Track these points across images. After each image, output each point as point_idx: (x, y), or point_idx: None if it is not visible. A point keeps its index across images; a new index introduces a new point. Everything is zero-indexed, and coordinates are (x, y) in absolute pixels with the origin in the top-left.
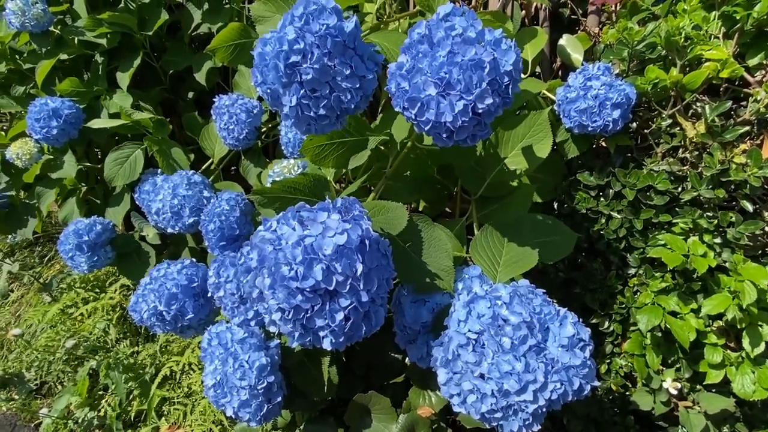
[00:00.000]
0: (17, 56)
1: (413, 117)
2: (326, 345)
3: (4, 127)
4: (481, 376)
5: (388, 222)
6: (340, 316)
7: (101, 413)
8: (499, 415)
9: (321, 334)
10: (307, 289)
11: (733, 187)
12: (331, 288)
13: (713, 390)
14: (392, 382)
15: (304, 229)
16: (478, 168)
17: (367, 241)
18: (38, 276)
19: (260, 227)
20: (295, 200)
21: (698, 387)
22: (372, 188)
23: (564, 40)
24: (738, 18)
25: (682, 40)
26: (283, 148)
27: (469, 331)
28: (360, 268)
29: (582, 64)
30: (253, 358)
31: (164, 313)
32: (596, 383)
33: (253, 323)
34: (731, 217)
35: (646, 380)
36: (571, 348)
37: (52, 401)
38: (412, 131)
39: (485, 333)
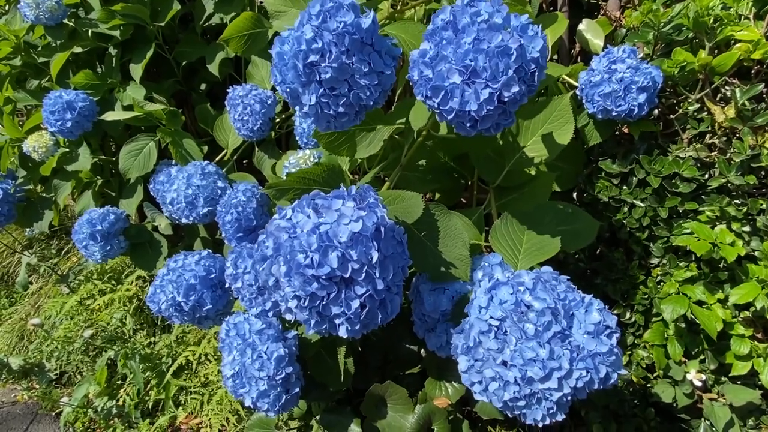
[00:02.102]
0: (32, 50)
1: (436, 106)
2: (342, 333)
3: (21, 121)
4: (504, 363)
5: (404, 210)
6: (355, 303)
7: (120, 402)
8: (522, 403)
9: (337, 321)
10: (323, 277)
11: (763, 173)
12: (347, 276)
13: (738, 382)
14: (408, 373)
15: (319, 216)
16: (496, 156)
17: (382, 229)
18: (56, 268)
19: (275, 216)
20: (310, 190)
21: (723, 379)
22: (388, 179)
23: (584, 25)
24: None
25: (711, 21)
26: (297, 138)
27: (491, 317)
28: (375, 255)
29: (606, 48)
30: (272, 349)
31: (182, 303)
32: (623, 372)
33: (270, 314)
34: (761, 205)
35: (664, 371)
36: (598, 335)
37: (72, 390)
38: (428, 119)
39: (508, 319)
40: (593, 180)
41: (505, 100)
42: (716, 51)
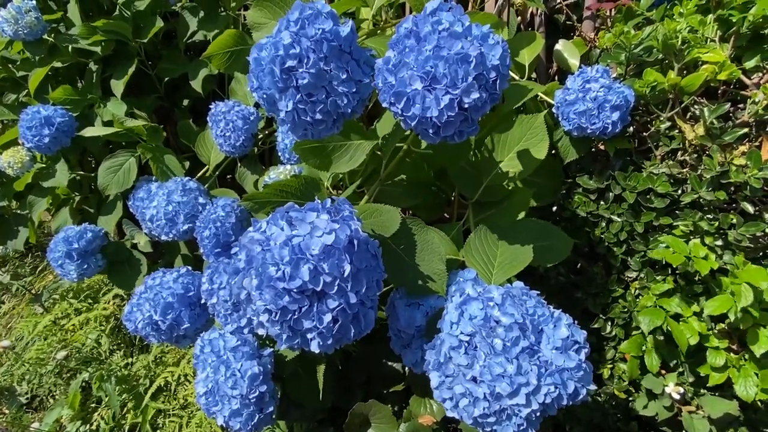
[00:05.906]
0: (10, 64)
1: (400, 112)
2: (314, 347)
3: None
4: (474, 379)
5: (381, 224)
6: (328, 317)
7: (94, 426)
8: (492, 419)
9: (309, 336)
10: (294, 290)
11: (733, 189)
12: (319, 289)
13: (716, 393)
14: (392, 391)
15: (292, 229)
16: (473, 172)
17: (355, 242)
18: (30, 287)
19: (250, 228)
20: (286, 203)
21: (702, 391)
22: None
23: (560, 45)
24: (734, 21)
25: (679, 43)
26: (279, 154)
27: (461, 333)
28: (348, 268)
29: (581, 67)
30: (246, 367)
31: (159, 322)
32: (592, 387)
33: (246, 331)
34: (732, 219)
35: (639, 382)
36: (566, 350)
37: (44, 415)
38: (406, 133)
39: (477, 335)
40: (571, 195)
41: (466, 106)
42: (685, 72)
